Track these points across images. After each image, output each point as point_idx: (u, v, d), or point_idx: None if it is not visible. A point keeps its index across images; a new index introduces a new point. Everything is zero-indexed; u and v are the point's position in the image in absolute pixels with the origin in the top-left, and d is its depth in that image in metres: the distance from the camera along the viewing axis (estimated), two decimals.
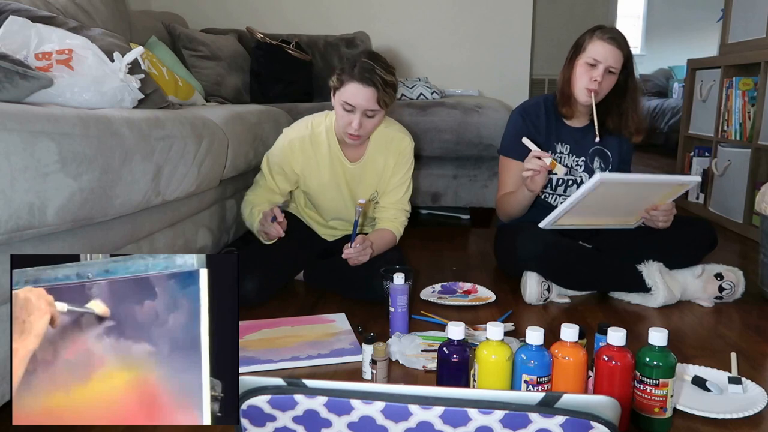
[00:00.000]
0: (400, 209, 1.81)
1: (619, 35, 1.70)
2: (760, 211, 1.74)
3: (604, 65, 1.68)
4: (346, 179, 1.76)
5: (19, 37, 1.30)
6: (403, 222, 1.83)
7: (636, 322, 1.57)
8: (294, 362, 1.31)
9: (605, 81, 1.71)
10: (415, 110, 2.56)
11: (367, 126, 1.60)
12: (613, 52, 1.68)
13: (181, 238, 1.58)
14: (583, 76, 1.71)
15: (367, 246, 1.63)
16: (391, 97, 1.58)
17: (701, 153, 3.05)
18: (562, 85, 1.79)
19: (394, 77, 1.59)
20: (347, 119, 1.58)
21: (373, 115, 1.59)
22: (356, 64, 1.55)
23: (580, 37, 1.75)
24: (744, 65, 2.70)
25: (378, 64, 1.56)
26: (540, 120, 1.84)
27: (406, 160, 1.78)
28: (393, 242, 1.80)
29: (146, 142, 1.24)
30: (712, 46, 5.16)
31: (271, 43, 2.83)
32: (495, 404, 0.64)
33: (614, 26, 1.78)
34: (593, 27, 1.74)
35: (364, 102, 1.54)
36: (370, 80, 1.53)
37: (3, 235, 0.89)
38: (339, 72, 1.58)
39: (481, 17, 3.41)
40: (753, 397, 1.16)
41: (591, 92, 1.70)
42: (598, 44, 1.69)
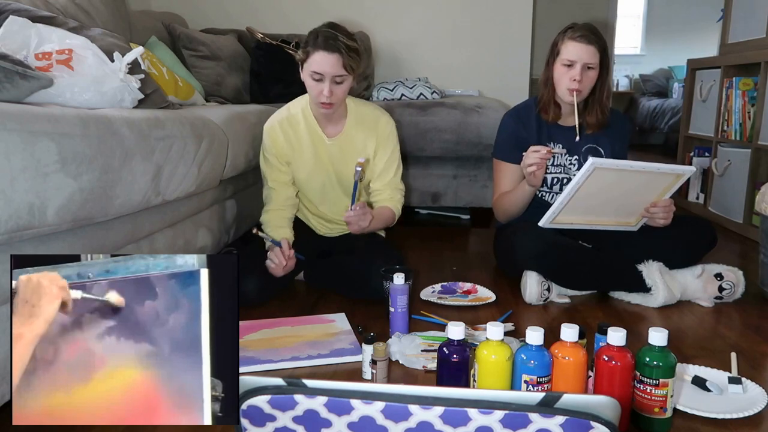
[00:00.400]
0: (394, 188, 1.84)
1: (590, 31, 1.71)
2: (760, 211, 1.74)
3: (580, 64, 1.70)
4: (328, 156, 1.78)
5: (19, 37, 1.30)
6: (400, 200, 1.86)
7: (636, 322, 1.57)
8: (294, 362, 1.31)
9: (585, 78, 1.72)
10: (415, 110, 2.56)
11: (338, 93, 1.64)
12: (586, 50, 1.69)
13: (181, 238, 1.58)
14: (563, 78, 1.73)
15: (367, 211, 1.66)
16: (356, 61, 1.63)
17: (701, 153, 3.05)
18: (544, 89, 1.81)
19: (355, 42, 1.64)
20: (318, 89, 1.62)
21: (342, 81, 1.63)
22: (318, 34, 1.60)
23: (554, 39, 1.77)
24: (744, 65, 2.70)
25: (339, 31, 1.61)
26: (531, 122, 1.85)
27: (389, 141, 1.81)
28: (392, 219, 1.83)
29: (146, 142, 1.24)
30: (712, 46, 5.16)
31: (271, 43, 2.83)
32: (495, 404, 0.64)
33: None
34: (565, 27, 1.76)
35: (330, 68, 1.59)
36: (334, 46, 1.58)
37: (3, 235, 0.89)
38: (304, 45, 1.63)
39: (481, 17, 3.40)
40: (753, 397, 1.16)
41: (573, 92, 1.72)
42: (570, 45, 1.71)
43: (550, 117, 1.83)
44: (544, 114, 1.83)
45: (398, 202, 1.85)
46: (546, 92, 1.81)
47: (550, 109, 1.82)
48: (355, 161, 1.77)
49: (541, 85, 1.83)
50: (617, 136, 1.87)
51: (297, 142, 1.77)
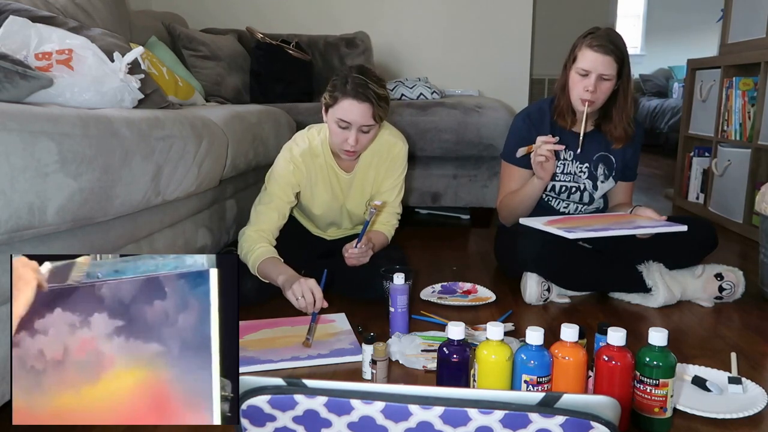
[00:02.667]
0: (392, 213, 1.82)
1: (609, 41, 1.64)
2: (760, 211, 1.74)
3: (595, 74, 1.64)
4: (341, 189, 1.76)
5: (19, 37, 1.30)
6: (395, 225, 1.85)
7: (636, 322, 1.57)
8: (294, 362, 1.31)
9: (600, 89, 1.66)
10: (415, 110, 2.56)
11: (363, 141, 1.59)
12: (603, 60, 1.63)
13: (181, 238, 1.58)
14: (577, 86, 1.68)
15: (369, 249, 1.64)
16: (384, 111, 1.57)
17: (701, 153, 3.05)
18: (561, 94, 1.75)
19: (385, 90, 1.58)
20: (343, 136, 1.57)
21: (368, 130, 1.58)
22: (348, 80, 1.53)
23: (575, 42, 1.71)
24: (744, 65, 2.70)
25: (370, 78, 1.54)
26: (543, 126, 1.80)
27: (398, 165, 1.77)
28: (386, 243, 1.82)
29: (146, 142, 1.24)
30: (712, 46, 5.16)
31: (271, 43, 2.83)
32: (495, 404, 0.64)
33: (611, 27, 1.72)
34: (587, 31, 1.69)
35: (359, 118, 1.53)
36: (364, 96, 1.51)
37: (3, 235, 0.89)
38: (331, 89, 1.57)
39: (481, 17, 3.41)
40: (753, 397, 1.16)
41: (585, 102, 1.67)
42: (587, 53, 1.64)
43: (568, 124, 1.77)
44: (561, 120, 1.78)
45: (392, 227, 1.84)
46: (563, 98, 1.75)
47: (567, 115, 1.76)
48: (367, 192, 1.77)
49: (558, 90, 1.77)
50: (630, 143, 1.82)
51: (314, 174, 1.72)
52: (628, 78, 1.71)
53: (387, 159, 1.75)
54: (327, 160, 1.72)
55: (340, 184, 1.75)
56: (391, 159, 1.76)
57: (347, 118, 1.53)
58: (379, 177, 1.77)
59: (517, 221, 1.80)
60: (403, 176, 1.81)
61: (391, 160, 1.76)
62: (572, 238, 1.54)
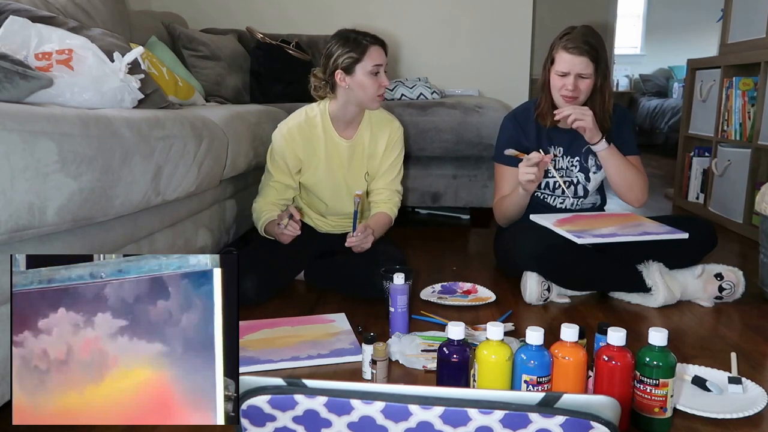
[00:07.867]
0: (393, 190, 1.90)
1: (583, 41, 1.68)
2: (760, 211, 1.74)
3: (573, 74, 1.70)
4: (339, 159, 1.82)
5: (19, 37, 1.30)
6: (397, 203, 1.92)
7: (636, 322, 1.57)
8: (294, 362, 1.31)
9: (579, 87, 1.71)
10: (415, 110, 2.55)
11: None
12: (579, 61, 1.68)
13: (181, 238, 1.58)
14: (557, 85, 1.74)
15: (369, 233, 1.71)
16: None
17: (701, 153, 3.05)
18: (542, 93, 1.81)
19: None
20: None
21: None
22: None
23: (552, 42, 1.76)
24: (744, 65, 2.70)
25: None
26: (530, 124, 1.85)
27: (396, 145, 1.88)
28: (390, 224, 1.89)
29: (146, 142, 1.24)
30: (712, 46, 5.16)
31: (271, 43, 2.83)
32: (495, 404, 0.64)
33: (586, 25, 1.73)
34: (563, 31, 1.74)
35: None
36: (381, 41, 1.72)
37: (3, 235, 0.89)
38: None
39: (481, 17, 3.40)
40: (753, 397, 1.16)
41: (567, 100, 1.72)
42: (563, 55, 1.70)
43: (548, 123, 1.82)
44: (542, 120, 1.83)
45: (395, 205, 1.91)
46: (544, 97, 1.80)
47: (548, 116, 1.81)
48: (364, 161, 1.84)
49: (539, 89, 1.82)
50: (617, 130, 1.85)
51: (313, 144, 1.80)
52: (605, 74, 1.75)
53: (385, 134, 1.85)
54: (326, 129, 1.80)
55: (340, 154, 1.82)
56: (390, 137, 1.86)
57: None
58: (378, 149, 1.85)
59: (513, 222, 1.87)
60: (401, 157, 1.91)
61: (389, 138, 1.86)
62: (581, 243, 1.58)
